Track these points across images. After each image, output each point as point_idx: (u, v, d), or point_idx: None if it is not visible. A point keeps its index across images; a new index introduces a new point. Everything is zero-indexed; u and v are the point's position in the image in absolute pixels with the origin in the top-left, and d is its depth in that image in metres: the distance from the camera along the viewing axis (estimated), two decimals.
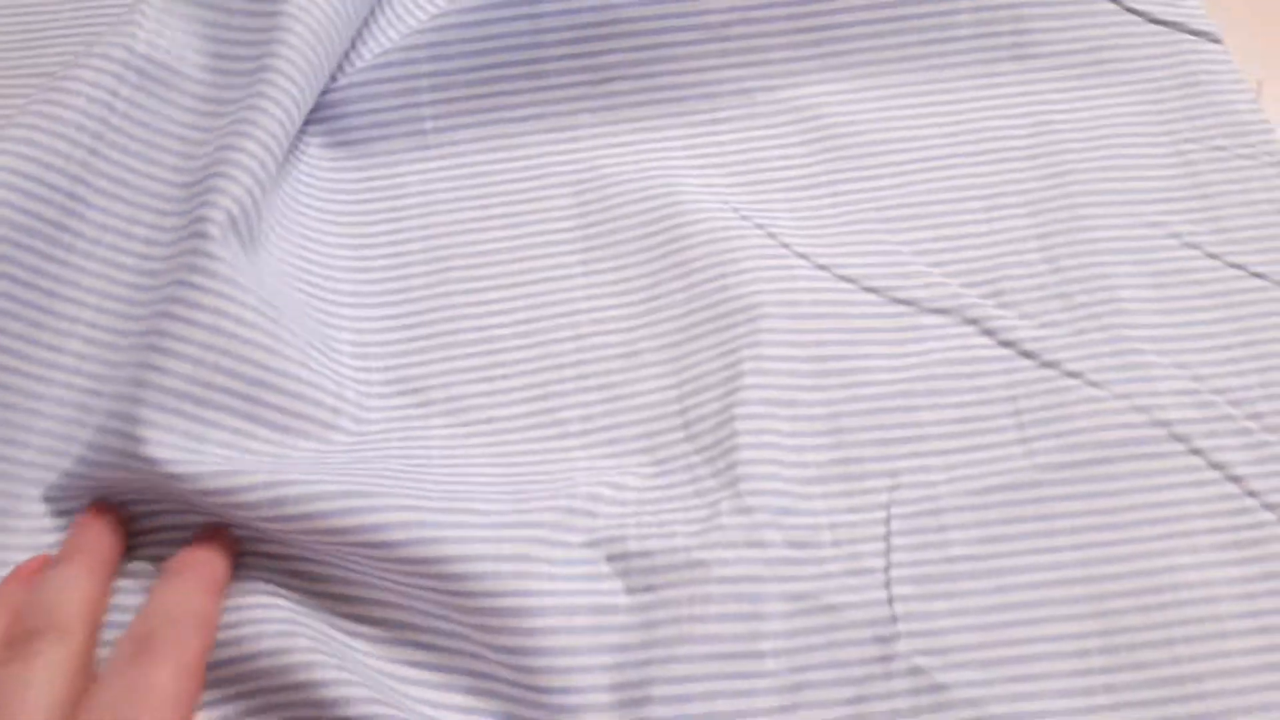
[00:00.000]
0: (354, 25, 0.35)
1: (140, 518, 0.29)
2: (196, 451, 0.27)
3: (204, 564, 0.26)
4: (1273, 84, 0.37)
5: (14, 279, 0.29)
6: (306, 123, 0.35)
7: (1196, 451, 0.29)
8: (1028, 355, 0.31)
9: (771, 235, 0.33)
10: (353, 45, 0.36)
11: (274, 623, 0.26)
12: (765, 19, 0.36)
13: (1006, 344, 0.31)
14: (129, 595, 0.27)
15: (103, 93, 0.32)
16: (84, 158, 0.31)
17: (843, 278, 0.32)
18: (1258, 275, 0.32)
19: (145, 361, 0.28)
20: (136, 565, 0.28)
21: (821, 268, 0.33)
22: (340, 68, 0.36)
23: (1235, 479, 0.28)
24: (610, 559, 0.27)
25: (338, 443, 0.29)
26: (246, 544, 0.28)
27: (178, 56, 0.33)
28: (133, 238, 0.31)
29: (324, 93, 0.35)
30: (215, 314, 0.28)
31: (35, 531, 0.28)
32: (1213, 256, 0.33)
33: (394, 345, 0.32)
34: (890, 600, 0.27)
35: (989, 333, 0.31)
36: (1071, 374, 0.30)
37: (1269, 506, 0.28)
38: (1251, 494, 0.28)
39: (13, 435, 0.29)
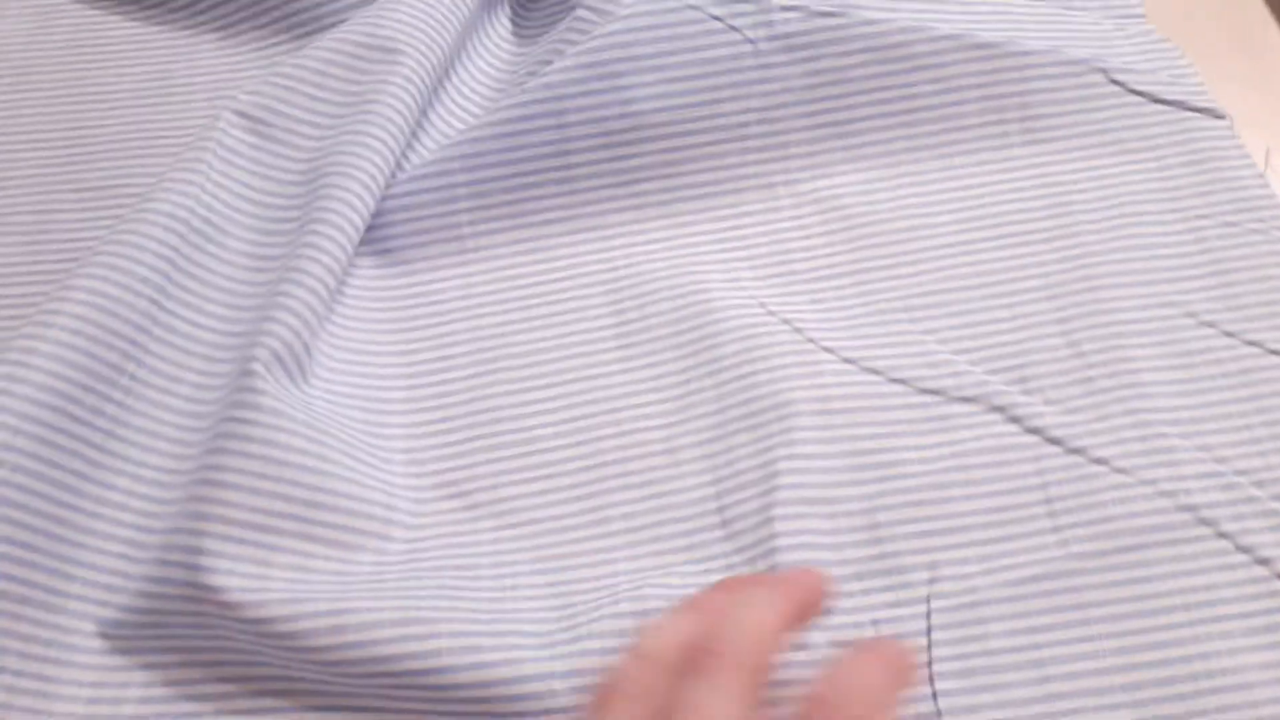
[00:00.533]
0: (393, 162, 0.37)
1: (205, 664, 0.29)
2: (260, 578, 0.28)
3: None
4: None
5: (75, 418, 0.30)
6: None
7: (1224, 535, 0.29)
8: (1054, 441, 0.32)
9: (798, 330, 0.34)
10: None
11: None
12: (782, 117, 0.38)
13: (1033, 430, 0.32)
14: None
15: (168, 249, 0.33)
16: (147, 308, 0.32)
17: (870, 370, 0.33)
18: (1274, 352, 0.33)
19: (202, 495, 0.29)
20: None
21: (848, 361, 0.34)
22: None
23: (1263, 561, 0.29)
24: None
25: (393, 552, 0.30)
26: (290, 685, 0.29)
27: (229, 218, 0.36)
28: (180, 381, 0.33)
29: None
30: (265, 444, 0.29)
31: (91, 668, 0.29)
32: (1229, 335, 0.33)
33: (441, 449, 0.33)
34: (935, 695, 0.28)
35: (1015, 420, 0.32)
36: (1098, 460, 0.31)
37: None
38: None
39: (60, 567, 0.29)
